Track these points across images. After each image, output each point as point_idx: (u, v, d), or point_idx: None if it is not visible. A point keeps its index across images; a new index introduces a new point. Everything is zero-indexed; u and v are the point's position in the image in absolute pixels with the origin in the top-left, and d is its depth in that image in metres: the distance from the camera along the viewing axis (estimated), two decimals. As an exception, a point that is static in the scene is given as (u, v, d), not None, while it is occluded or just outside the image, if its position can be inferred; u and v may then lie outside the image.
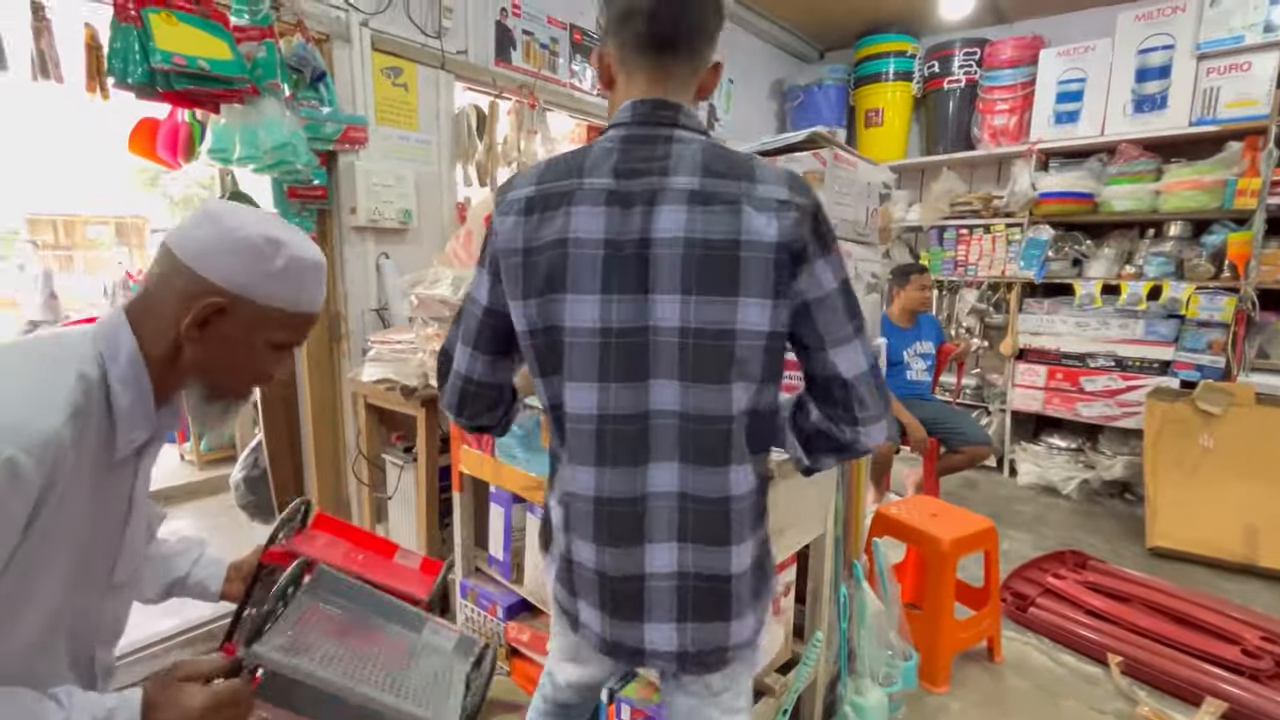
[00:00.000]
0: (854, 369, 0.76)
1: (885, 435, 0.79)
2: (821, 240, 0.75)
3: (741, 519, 0.78)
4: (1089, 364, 3.45)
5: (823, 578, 1.57)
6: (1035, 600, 2.33)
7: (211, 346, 0.73)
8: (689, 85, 0.83)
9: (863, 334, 0.77)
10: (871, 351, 0.78)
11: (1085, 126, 3.43)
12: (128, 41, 1.62)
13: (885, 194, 1.25)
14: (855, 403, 0.76)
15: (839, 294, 0.75)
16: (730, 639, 0.80)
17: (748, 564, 0.79)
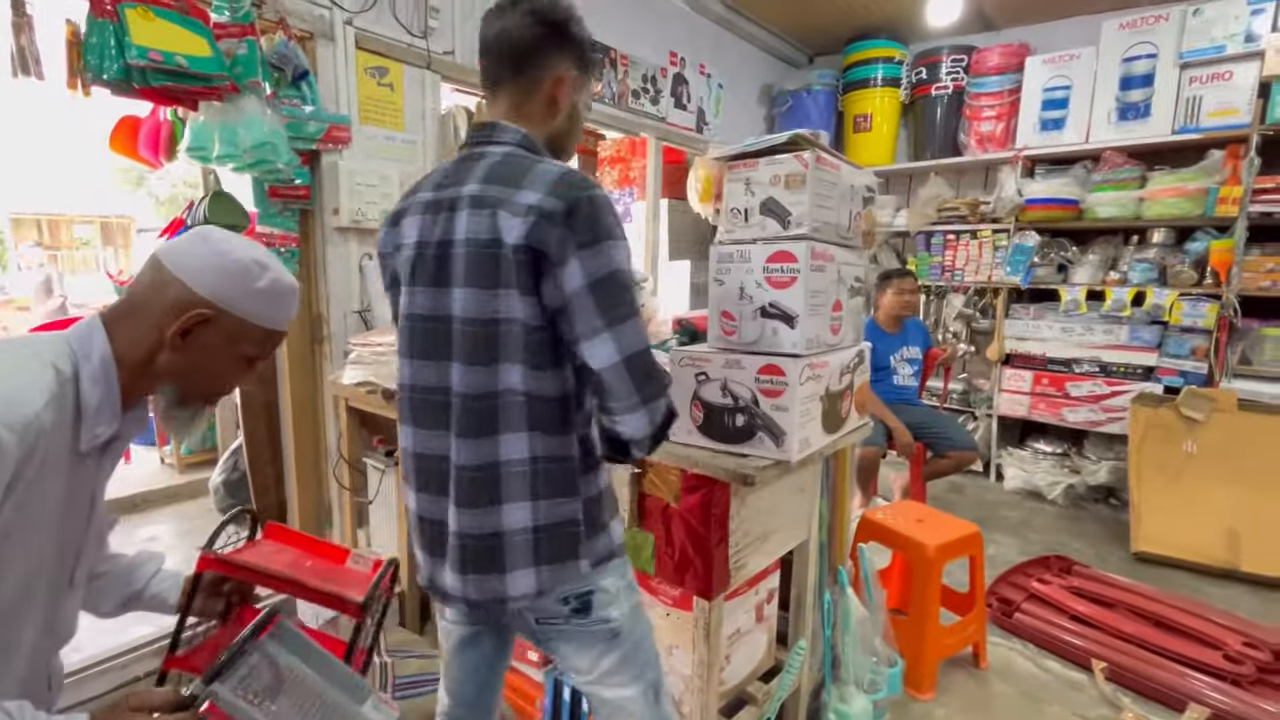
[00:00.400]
0: (602, 361, 0.81)
1: (645, 427, 0.84)
2: (571, 240, 0.80)
3: (516, 481, 0.87)
4: (1074, 369, 3.47)
5: (806, 584, 1.55)
6: (1020, 606, 2.33)
7: (191, 354, 0.80)
8: (524, 105, 0.93)
9: (618, 326, 0.81)
10: (637, 343, 0.82)
11: (1070, 134, 3.46)
12: (104, 37, 1.59)
13: (869, 197, 1.24)
14: (606, 392, 0.83)
15: (589, 290, 0.80)
16: (507, 590, 0.88)
17: (529, 523, 0.87)
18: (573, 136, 0.98)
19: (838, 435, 1.27)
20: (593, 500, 0.92)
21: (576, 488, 0.90)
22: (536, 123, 0.93)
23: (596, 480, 0.93)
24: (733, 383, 1.12)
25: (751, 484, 1.06)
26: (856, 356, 1.29)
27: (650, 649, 1.00)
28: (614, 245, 0.82)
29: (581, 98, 0.97)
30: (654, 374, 0.84)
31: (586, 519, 0.91)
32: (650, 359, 0.84)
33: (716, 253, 1.12)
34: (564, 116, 0.95)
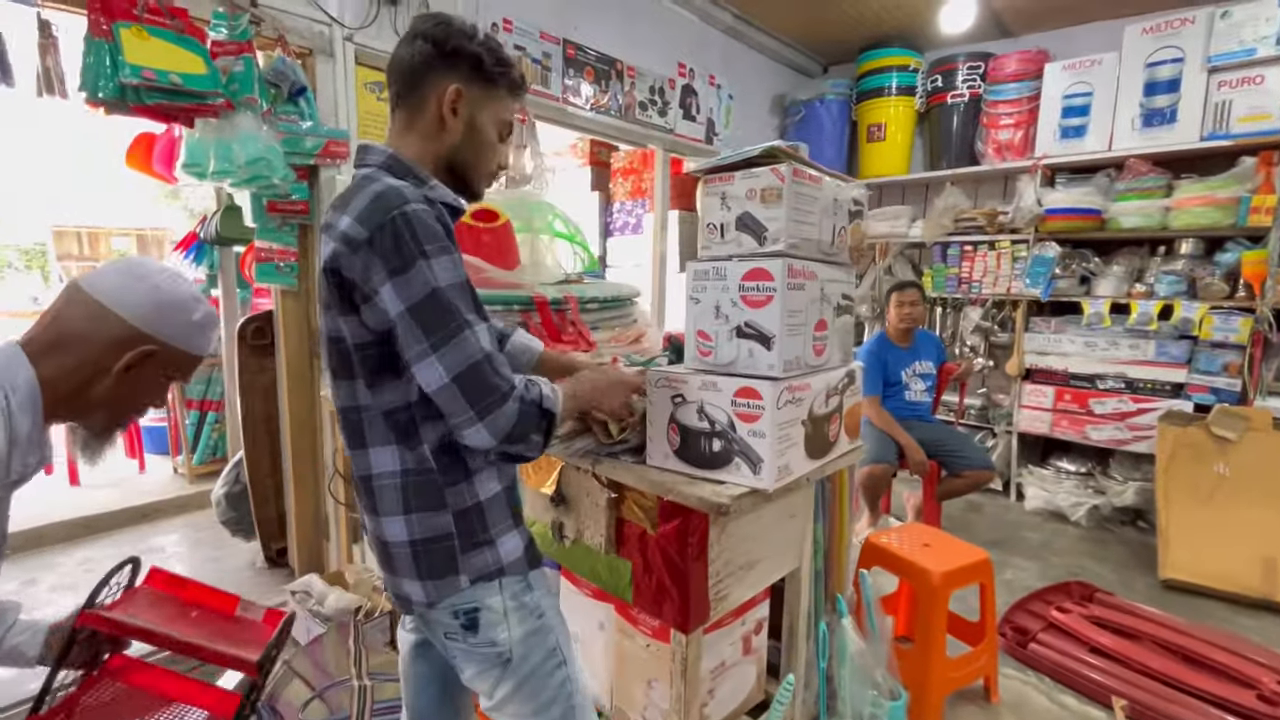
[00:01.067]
0: (430, 383, 0.81)
1: (488, 439, 0.83)
2: (380, 267, 0.80)
3: (389, 494, 0.89)
4: (1098, 385, 3.33)
5: (799, 613, 1.48)
6: (1036, 635, 2.21)
7: (130, 385, 0.85)
8: (413, 125, 0.93)
9: (444, 347, 0.80)
10: (466, 358, 0.81)
11: (1092, 141, 3.35)
12: (99, 56, 1.61)
13: (856, 211, 1.18)
14: (445, 412, 0.83)
15: (408, 315, 0.80)
16: (408, 593, 0.92)
17: (405, 537, 0.90)
18: (478, 154, 0.95)
19: (824, 461, 1.20)
20: (466, 513, 0.91)
21: (443, 500, 0.89)
22: (426, 141, 0.92)
23: (470, 492, 0.91)
24: (709, 405, 1.06)
25: (725, 514, 1.00)
26: (845, 377, 1.23)
27: (559, 688, 0.95)
28: (429, 264, 0.80)
29: (486, 113, 0.94)
30: (488, 386, 0.81)
31: (462, 532, 0.90)
32: (483, 371, 0.81)
33: (693, 269, 1.08)
34: (460, 133, 0.93)
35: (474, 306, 0.85)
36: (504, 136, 0.98)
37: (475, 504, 0.91)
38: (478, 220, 1.45)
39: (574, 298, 1.53)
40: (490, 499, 0.93)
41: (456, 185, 0.96)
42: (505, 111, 0.96)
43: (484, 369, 0.81)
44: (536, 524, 1.44)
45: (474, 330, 0.81)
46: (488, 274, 1.41)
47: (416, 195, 0.83)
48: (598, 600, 1.38)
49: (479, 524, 0.92)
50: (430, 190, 0.90)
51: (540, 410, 0.86)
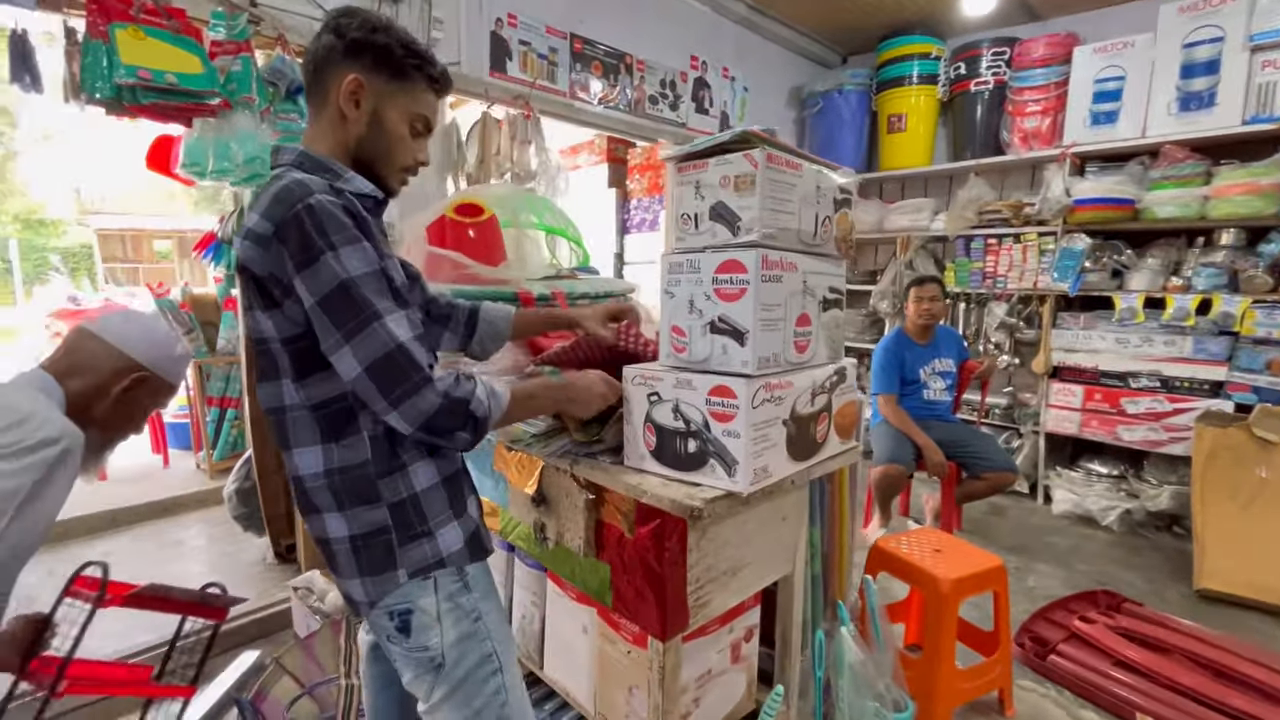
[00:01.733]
0: (346, 373, 0.81)
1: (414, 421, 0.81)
2: (288, 261, 0.80)
3: (322, 493, 0.89)
4: (1131, 384, 3.17)
5: (792, 621, 1.42)
6: (1057, 646, 2.11)
7: (123, 406, 1.03)
8: (319, 120, 0.92)
9: (356, 337, 0.80)
10: (379, 348, 0.80)
11: (1125, 128, 3.18)
12: (97, 57, 1.64)
13: (843, 200, 1.12)
14: (365, 401, 0.83)
15: (319, 309, 0.80)
16: (351, 593, 0.93)
17: (345, 532, 0.90)
18: (386, 148, 0.93)
19: (811, 463, 1.15)
20: (401, 505, 0.90)
21: (378, 493, 0.89)
22: (333, 134, 0.91)
23: (406, 482, 0.90)
24: (684, 405, 1.02)
25: (699, 518, 0.96)
26: (835, 375, 1.17)
27: (492, 696, 0.93)
28: (336, 256, 0.79)
29: (393, 106, 0.91)
30: (402, 374, 0.80)
31: (399, 525, 0.90)
32: (397, 359, 0.80)
33: (666, 263, 1.03)
34: (363, 124, 0.91)
35: (390, 294, 0.83)
36: (419, 131, 0.96)
37: (411, 495, 0.90)
38: (462, 215, 1.43)
39: (562, 293, 1.49)
40: (427, 489, 0.92)
41: (368, 180, 0.94)
42: (419, 105, 0.94)
43: (398, 357, 0.80)
44: (520, 525, 1.41)
45: (386, 320, 0.80)
46: (471, 270, 1.38)
47: (322, 187, 0.82)
48: (581, 604, 1.35)
49: (416, 516, 0.91)
50: (345, 182, 0.89)
51: (466, 411, 0.85)
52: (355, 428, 0.88)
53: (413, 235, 1.39)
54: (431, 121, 0.97)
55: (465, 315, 1.22)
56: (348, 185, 0.89)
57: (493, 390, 0.89)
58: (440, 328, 1.22)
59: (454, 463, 0.99)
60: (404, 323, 0.82)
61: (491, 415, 0.88)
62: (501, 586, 1.63)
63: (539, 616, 1.50)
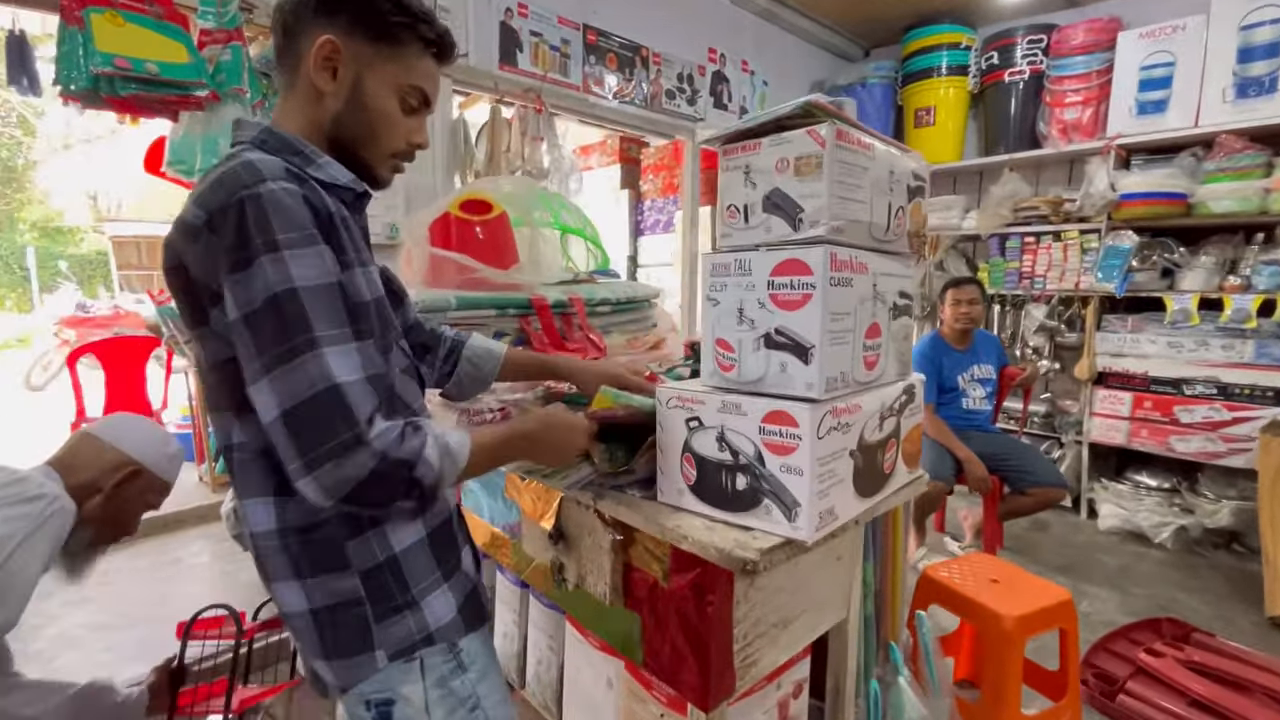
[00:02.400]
0: (262, 414, 0.64)
1: (333, 491, 0.63)
2: (220, 259, 0.63)
3: (276, 557, 0.73)
4: (1185, 391, 2.96)
5: (845, 671, 1.25)
6: (1125, 684, 1.91)
7: (116, 501, 1.07)
8: (290, 92, 0.76)
9: (280, 369, 0.62)
10: (306, 389, 0.62)
11: (1175, 117, 2.98)
12: (72, 45, 1.50)
13: (917, 188, 0.95)
14: (280, 457, 0.64)
15: (243, 324, 0.63)
16: (319, 673, 0.77)
17: (303, 606, 0.73)
18: (369, 127, 0.76)
19: (878, 498, 0.97)
20: (378, 570, 0.73)
21: (346, 558, 0.72)
22: (306, 110, 0.75)
23: (382, 542, 0.74)
24: (731, 433, 0.85)
25: (753, 572, 0.79)
26: (904, 394, 1.00)
27: None
28: (277, 259, 0.62)
29: (379, 76, 0.74)
30: (325, 428, 0.62)
31: (374, 596, 0.73)
32: (324, 406, 0.62)
33: (710, 264, 0.86)
34: (340, 98, 0.74)
35: (345, 317, 0.66)
36: (414, 107, 0.78)
37: (389, 558, 0.74)
38: (468, 212, 1.27)
39: (580, 299, 1.33)
40: (408, 549, 0.75)
41: (349, 166, 0.78)
42: (412, 74, 0.76)
43: (322, 405, 0.62)
44: (535, 561, 1.24)
45: (324, 351, 0.63)
46: (479, 274, 1.22)
47: (277, 172, 0.65)
48: (605, 653, 1.18)
49: (396, 584, 0.74)
50: (315, 169, 0.73)
51: (408, 477, 0.67)
52: None
53: (413, 235, 1.23)
54: (429, 94, 0.79)
55: (447, 349, 1.06)
56: (318, 173, 0.73)
57: (447, 447, 0.71)
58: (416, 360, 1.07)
59: (443, 509, 0.82)
60: (352, 357, 0.65)
61: (444, 479, 0.70)
62: (514, 625, 1.47)
63: (556, 663, 1.33)
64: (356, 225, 0.78)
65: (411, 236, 1.22)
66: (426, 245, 1.21)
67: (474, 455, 0.74)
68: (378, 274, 0.80)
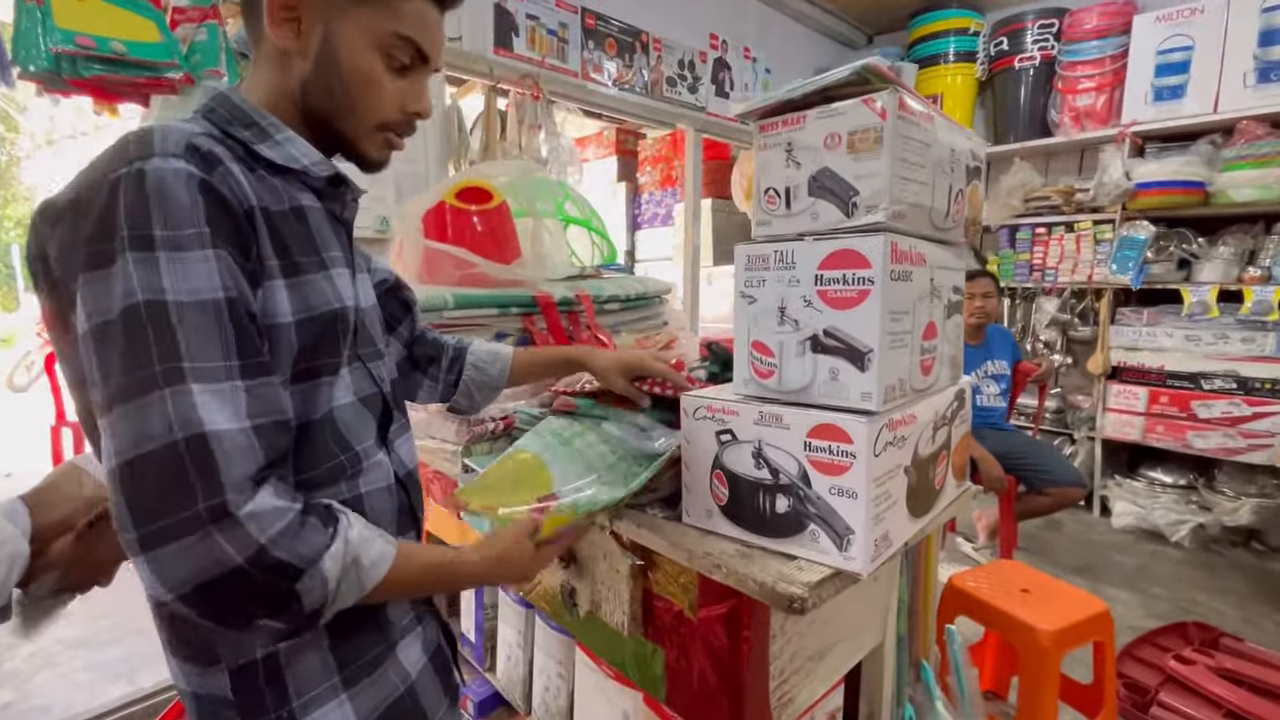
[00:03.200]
0: (104, 458, 0.48)
1: (173, 583, 0.47)
2: (77, 252, 0.50)
3: (162, 627, 0.60)
4: (1203, 385, 2.88)
5: (882, 698, 1.15)
6: (1157, 695, 1.83)
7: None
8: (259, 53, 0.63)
9: (115, 409, 0.47)
10: (154, 436, 0.46)
11: (1193, 103, 2.89)
12: (31, 22, 1.37)
13: (975, 169, 0.85)
14: (112, 512, 0.48)
15: (90, 339, 0.49)
16: None
17: (185, 686, 0.59)
18: (347, 91, 0.61)
19: (929, 518, 0.87)
20: (248, 672, 0.57)
21: (213, 650, 0.57)
22: (271, 80, 0.62)
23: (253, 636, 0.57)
24: (770, 448, 0.75)
25: (800, 611, 0.69)
26: (955, 400, 0.90)
27: None
28: (145, 262, 0.48)
29: (353, 27, 0.59)
30: (177, 494, 0.46)
31: (245, 704, 0.57)
32: (179, 464, 0.46)
33: (745, 255, 0.76)
34: (306, 57, 0.60)
35: (229, 346, 0.50)
36: (404, 65, 0.63)
37: (268, 655, 0.57)
38: (465, 201, 1.16)
39: (588, 296, 1.22)
40: (294, 648, 0.58)
41: (329, 144, 0.65)
42: (400, 22, 0.61)
43: (176, 458, 0.46)
44: (541, 584, 1.14)
45: (193, 388, 0.47)
46: (479, 269, 1.11)
47: (178, 146, 0.51)
48: (621, 683, 1.08)
49: (272, 691, 0.57)
50: (270, 146, 0.59)
51: (285, 590, 0.49)
52: None
53: (406, 226, 1.12)
54: (425, 46, 0.64)
55: (450, 358, 0.95)
56: (271, 151, 0.59)
57: (357, 559, 0.53)
58: (419, 374, 0.94)
59: None
60: (235, 399, 0.49)
61: (334, 603, 0.53)
62: (519, 647, 1.37)
63: (567, 690, 1.23)
64: (329, 218, 0.65)
65: (404, 227, 1.11)
66: (420, 237, 1.09)
67: (393, 575, 0.56)
68: (352, 278, 0.67)
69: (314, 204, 0.63)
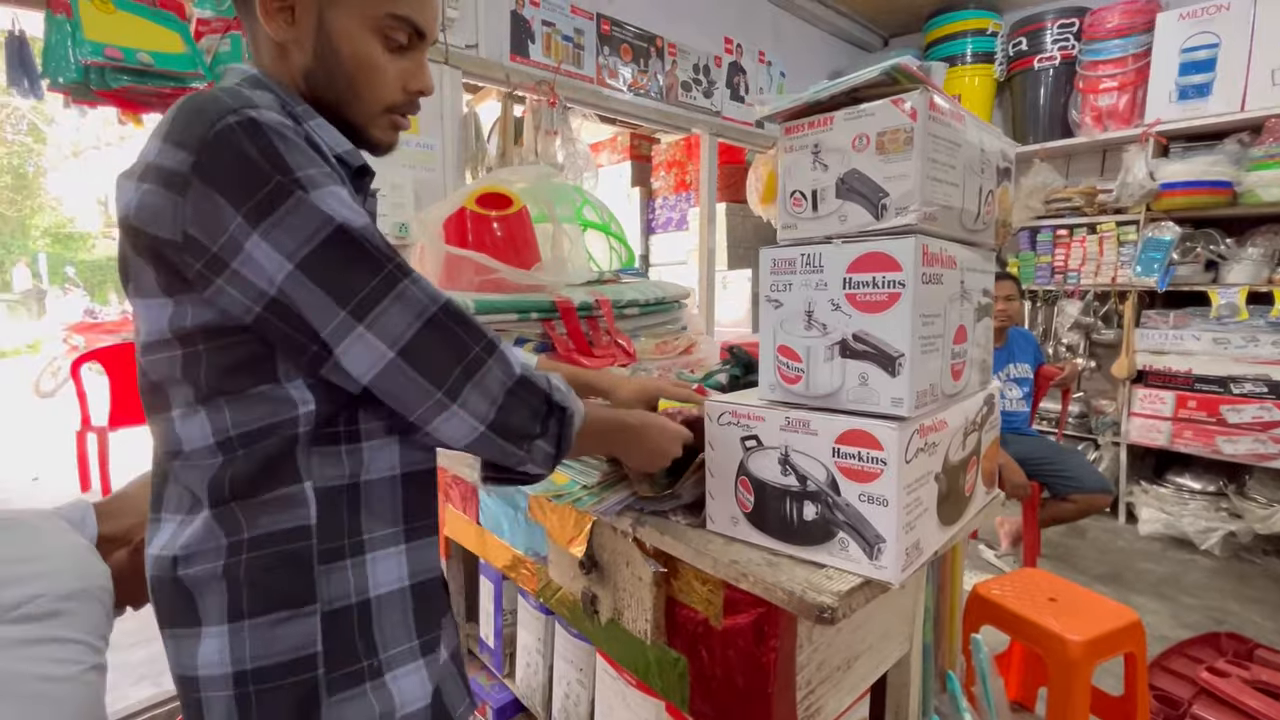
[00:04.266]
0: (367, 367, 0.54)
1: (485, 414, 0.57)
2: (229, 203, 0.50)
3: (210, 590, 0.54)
4: (1233, 390, 2.81)
5: (908, 707, 1.13)
6: (1190, 708, 1.78)
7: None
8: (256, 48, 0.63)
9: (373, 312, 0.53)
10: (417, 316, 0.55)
11: (1219, 102, 2.83)
12: (61, 35, 1.40)
13: (1005, 170, 0.83)
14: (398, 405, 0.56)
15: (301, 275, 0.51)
16: None
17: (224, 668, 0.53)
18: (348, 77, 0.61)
19: (959, 525, 0.86)
20: (342, 616, 0.56)
21: (311, 588, 0.54)
22: (273, 68, 0.62)
23: (358, 575, 0.57)
24: (797, 454, 0.74)
25: (830, 621, 0.67)
26: (985, 405, 0.88)
27: None
28: (317, 194, 0.51)
29: (338, 11, 0.58)
30: (460, 346, 0.55)
31: (332, 651, 0.55)
32: (449, 327, 0.55)
33: (770, 259, 0.75)
34: (304, 48, 0.59)
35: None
36: (402, 44, 0.62)
37: (363, 601, 0.57)
38: (486, 207, 1.16)
39: (608, 301, 1.22)
40: (387, 596, 0.58)
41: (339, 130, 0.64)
42: (388, 3, 0.59)
43: (445, 324, 0.55)
44: (562, 590, 1.13)
45: (416, 275, 0.55)
46: (499, 274, 1.11)
47: (271, 104, 0.55)
48: (644, 693, 1.07)
49: (363, 639, 0.56)
50: (310, 127, 0.59)
51: (546, 399, 0.60)
52: (291, 475, 0.54)
53: (427, 232, 1.12)
54: (420, 22, 0.62)
55: None
56: (315, 132, 0.59)
57: (566, 385, 0.64)
58: None
59: (430, 557, 0.65)
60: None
61: (575, 418, 0.63)
62: (539, 653, 1.36)
63: (587, 698, 1.22)
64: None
65: (425, 233, 1.11)
66: (441, 243, 1.10)
67: (587, 423, 0.65)
68: None
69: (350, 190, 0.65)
